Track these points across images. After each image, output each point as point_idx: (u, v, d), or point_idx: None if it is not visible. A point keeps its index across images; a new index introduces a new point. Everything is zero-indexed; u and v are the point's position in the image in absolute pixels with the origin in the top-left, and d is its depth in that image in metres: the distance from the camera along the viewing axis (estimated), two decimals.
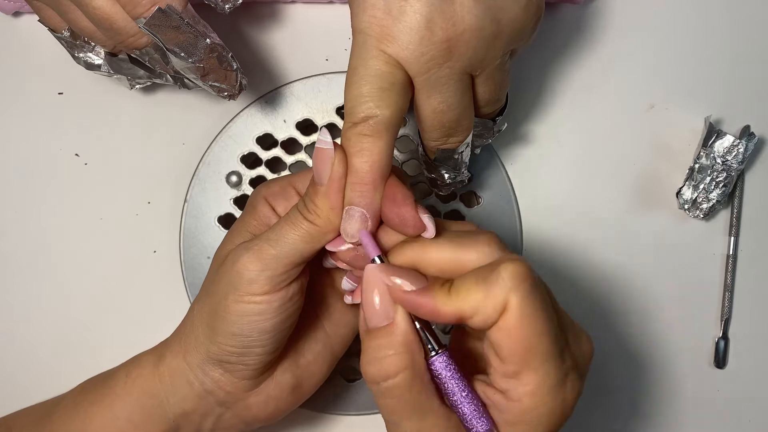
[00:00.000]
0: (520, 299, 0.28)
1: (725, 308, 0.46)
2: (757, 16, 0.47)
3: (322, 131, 0.32)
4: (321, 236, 0.33)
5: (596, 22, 0.47)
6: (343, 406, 0.45)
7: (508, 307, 0.29)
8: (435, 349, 0.31)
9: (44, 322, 0.46)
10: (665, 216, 0.47)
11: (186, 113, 0.46)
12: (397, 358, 0.30)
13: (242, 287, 0.33)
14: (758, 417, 0.47)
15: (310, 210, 0.33)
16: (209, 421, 0.37)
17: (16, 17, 0.46)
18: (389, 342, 0.30)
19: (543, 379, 0.29)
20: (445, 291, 0.30)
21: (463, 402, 0.30)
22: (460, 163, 0.38)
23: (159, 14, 0.33)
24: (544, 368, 0.29)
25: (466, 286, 0.29)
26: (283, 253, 0.33)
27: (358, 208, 0.32)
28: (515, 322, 0.28)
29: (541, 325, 0.29)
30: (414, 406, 0.30)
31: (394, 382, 0.30)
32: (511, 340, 0.29)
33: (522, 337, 0.29)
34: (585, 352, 0.32)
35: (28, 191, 0.46)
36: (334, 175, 0.32)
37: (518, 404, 0.29)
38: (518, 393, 0.29)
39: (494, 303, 0.29)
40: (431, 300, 0.30)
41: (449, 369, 0.31)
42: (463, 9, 0.31)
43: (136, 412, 0.36)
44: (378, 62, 0.32)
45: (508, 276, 0.29)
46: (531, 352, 0.29)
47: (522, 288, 0.29)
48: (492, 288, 0.29)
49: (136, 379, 0.37)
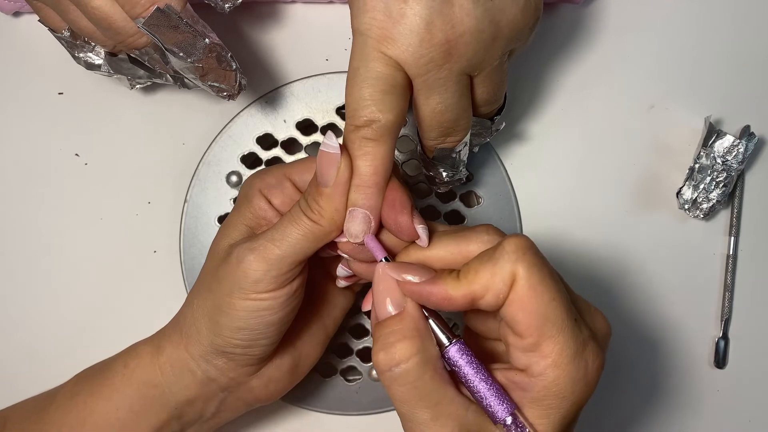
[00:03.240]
0: (526, 268, 0.29)
1: (725, 308, 0.46)
2: (757, 16, 0.47)
3: (328, 135, 0.32)
4: (324, 236, 0.34)
5: (596, 22, 0.47)
6: (343, 405, 0.45)
7: (516, 278, 0.29)
8: (449, 340, 0.31)
9: (44, 321, 0.46)
10: (665, 216, 0.47)
11: (186, 113, 0.46)
12: (408, 342, 0.31)
13: (248, 286, 0.34)
14: (758, 417, 0.47)
15: (314, 210, 0.33)
16: (212, 405, 0.38)
17: (16, 17, 0.46)
18: (400, 328, 0.31)
19: (562, 347, 0.29)
20: (454, 277, 0.30)
21: (482, 387, 0.31)
22: (458, 161, 0.38)
23: (157, 14, 0.33)
24: (563, 336, 0.29)
25: (474, 268, 0.30)
26: (287, 252, 0.33)
27: (362, 209, 0.33)
28: (526, 291, 0.29)
29: (551, 292, 0.29)
30: (426, 394, 0.30)
31: (406, 367, 0.30)
32: (524, 312, 0.29)
33: (534, 305, 0.29)
34: (601, 328, 0.32)
35: (28, 191, 0.46)
36: (340, 179, 0.33)
37: (541, 378, 0.29)
38: (540, 366, 0.29)
39: (502, 276, 0.29)
40: (442, 287, 0.30)
41: (465, 356, 0.31)
42: (462, 11, 0.31)
43: (136, 401, 0.37)
44: (379, 64, 0.32)
45: (512, 249, 0.29)
46: (546, 321, 0.29)
47: (527, 257, 0.29)
48: (498, 262, 0.29)
49: (134, 369, 0.37)
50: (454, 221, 0.46)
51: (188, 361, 0.37)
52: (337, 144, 0.32)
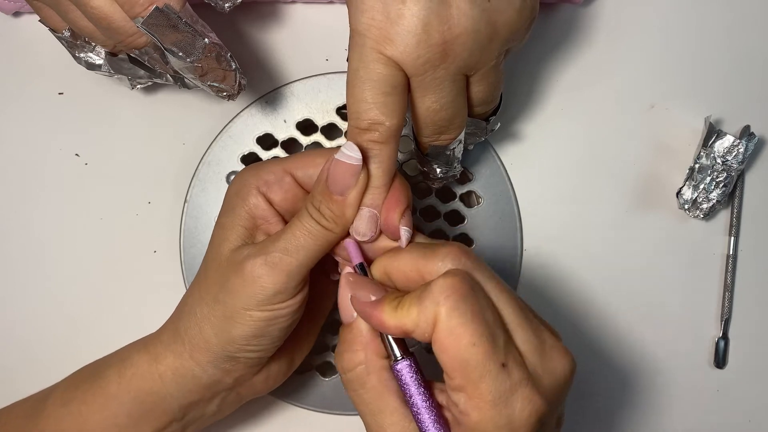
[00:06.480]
0: (447, 311, 0.29)
1: (725, 308, 0.46)
2: (757, 17, 0.47)
3: (349, 145, 0.33)
4: (335, 240, 0.34)
5: (596, 22, 0.47)
6: (343, 405, 0.45)
7: (437, 321, 0.29)
8: (397, 357, 0.32)
9: (44, 321, 0.46)
10: (665, 216, 0.47)
11: (186, 113, 0.46)
12: (353, 354, 0.33)
13: (266, 299, 0.34)
14: (758, 417, 0.47)
15: (328, 218, 0.34)
16: (214, 404, 0.38)
17: (16, 17, 0.46)
18: (350, 338, 0.34)
19: (483, 392, 0.29)
20: (392, 306, 0.31)
21: (420, 410, 0.31)
22: (452, 158, 0.39)
23: (157, 13, 0.33)
24: (483, 382, 0.29)
25: (408, 302, 0.31)
26: (303, 263, 0.34)
27: (370, 208, 0.34)
28: (444, 334, 0.29)
29: (469, 336, 0.29)
30: (369, 402, 0.33)
31: (352, 375, 0.33)
32: (444, 354, 0.30)
33: (453, 349, 0.29)
34: (555, 369, 0.31)
35: (29, 191, 0.46)
36: (361, 188, 0.33)
37: (468, 418, 0.30)
38: (465, 407, 0.30)
39: (426, 318, 0.30)
40: (380, 313, 0.31)
41: (411, 375, 0.32)
42: (459, 12, 0.32)
43: (135, 408, 0.37)
44: (379, 65, 0.32)
45: (437, 290, 0.30)
46: (466, 365, 0.29)
47: (449, 301, 0.29)
48: (423, 302, 0.30)
49: (131, 379, 0.37)
50: (454, 221, 0.46)
51: (193, 368, 0.36)
52: (360, 155, 0.33)
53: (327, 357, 0.45)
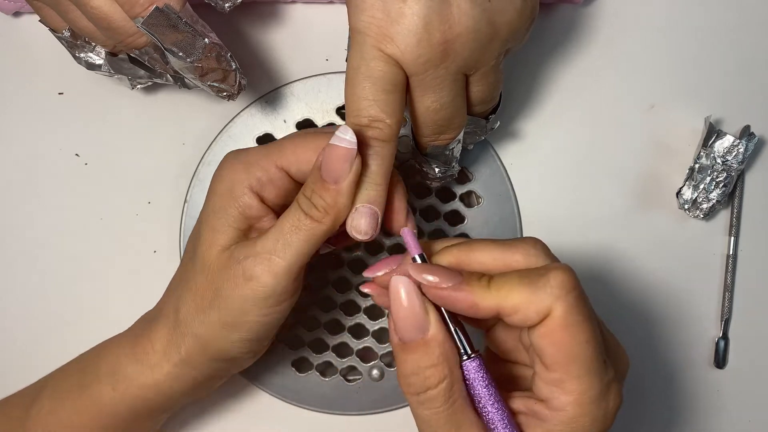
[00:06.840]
0: (565, 308, 0.29)
1: (725, 308, 0.46)
2: (757, 17, 0.47)
3: (344, 128, 0.32)
4: (325, 234, 0.34)
5: (596, 22, 0.47)
6: (343, 405, 0.45)
7: (551, 314, 0.29)
8: (468, 354, 0.31)
9: (43, 321, 0.46)
10: (665, 216, 0.47)
11: (186, 113, 0.46)
12: (436, 369, 0.30)
13: (268, 301, 0.34)
14: (758, 417, 0.47)
15: (319, 208, 0.33)
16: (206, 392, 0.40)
17: (16, 17, 0.46)
18: (428, 356, 0.30)
19: (587, 388, 0.29)
20: (483, 285, 0.30)
21: (490, 409, 0.30)
22: (451, 158, 0.39)
23: (157, 13, 0.33)
24: (589, 378, 0.29)
25: (509, 284, 0.29)
26: (300, 260, 0.33)
27: (370, 205, 0.33)
28: (561, 329, 0.29)
29: (585, 335, 0.29)
30: (450, 418, 0.30)
31: (434, 393, 0.30)
32: (555, 348, 0.29)
33: (566, 345, 0.29)
34: (623, 364, 0.32)
35: (28, 191, 0.46)
36: (355, 175, 0.32)
37: (562, 413, 0.29)
38: (561, 402, 0.29)
39: (537, 308, 0.29)
40: (470, 294, 0.30)
41: (480, 374, 0.31)
42: (460, 11, 0.32)
43: (130, 414, 0.37)
44: (379, 63, 0.32)
45: (556, 284, 0.29)
46: (575, 361, 0.29)
47: (569, 298, 0.29)
48: (538, 293, 0.29)
49: (125, 391, 0.37)
50: (454, 221, 0.46)
51: (191, 372, 0.36)
52: (354, 138, 0.32)
53: (327, 357, 0.45)
